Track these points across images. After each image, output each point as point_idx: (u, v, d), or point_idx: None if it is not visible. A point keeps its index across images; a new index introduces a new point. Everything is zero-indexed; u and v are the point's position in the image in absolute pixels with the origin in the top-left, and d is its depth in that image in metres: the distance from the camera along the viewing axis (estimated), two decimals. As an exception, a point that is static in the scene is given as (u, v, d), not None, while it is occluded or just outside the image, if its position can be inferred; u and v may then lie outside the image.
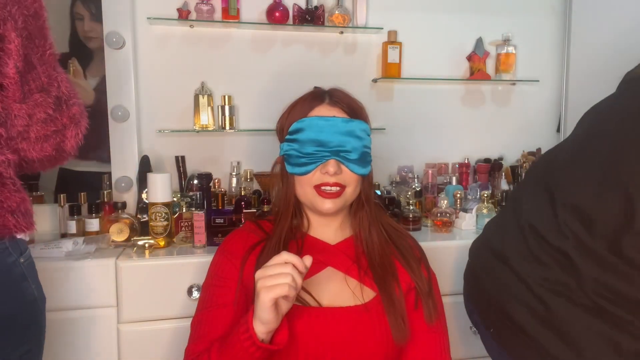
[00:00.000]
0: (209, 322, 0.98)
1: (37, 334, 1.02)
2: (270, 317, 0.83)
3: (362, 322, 0.97)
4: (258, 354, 0.85)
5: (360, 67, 2.02)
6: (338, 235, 1.08)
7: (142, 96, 1.84)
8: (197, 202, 1.60)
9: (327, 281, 1.01)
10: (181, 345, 1.01)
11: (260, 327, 0.84)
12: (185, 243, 1.55)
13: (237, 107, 1.92)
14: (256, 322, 0.84)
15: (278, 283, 0.81)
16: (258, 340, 0.84)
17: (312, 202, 1.03)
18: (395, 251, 1.07)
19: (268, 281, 0.82)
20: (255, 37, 1.93)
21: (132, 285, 1.38)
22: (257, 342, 0.84)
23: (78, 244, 1.42)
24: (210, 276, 1.05)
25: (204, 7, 1.81)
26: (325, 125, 1.00)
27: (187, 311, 1.39)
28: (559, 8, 2.17)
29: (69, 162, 1.05)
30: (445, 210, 1.70)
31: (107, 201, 1.69)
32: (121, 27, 1.73)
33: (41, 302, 1.02)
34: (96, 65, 1.82)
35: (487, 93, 2.16)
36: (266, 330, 0.85)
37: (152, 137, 1.86)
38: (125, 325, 1.39)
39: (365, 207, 1.07)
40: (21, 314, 0.96)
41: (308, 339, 0.95)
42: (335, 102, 1.03)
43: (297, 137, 1.02)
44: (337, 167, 1.00)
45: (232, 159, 1.92)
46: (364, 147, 1.03)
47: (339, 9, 1.90)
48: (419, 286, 1.03)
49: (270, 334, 0.87)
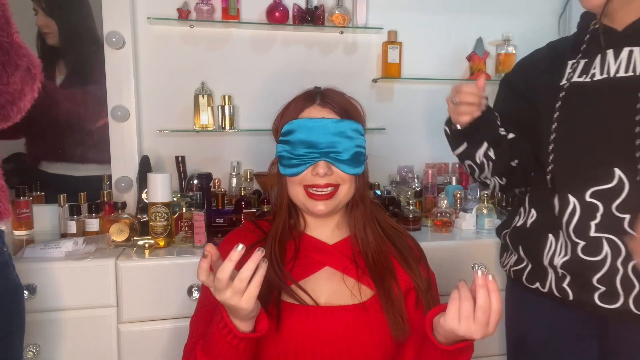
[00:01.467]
0: (206, 321, 0.98)
1: (20, 318, 1.08)
2: (244, 314, 0.83)
3: (360, 321, 0.97)
4: (242, 344, 0.86)
5: (360, 67, 2.02)
6: (335, 234, 1.08)
7: (142, 96, 1.84)
8: (197, 202, 1.60)
9: (324, 281, 1.02)
10: (181, 345, 1.01)
11: (238, 323, 0.85)
12: (185, 243, 1.55)
13: (237, 107, 1.92)
14: (235, 320, 0.85)
15: (224, 299, 0.81)
16: (239, 332, 0.85)
17: (303, 203, 1.04)
18: (394, 250, 1.07)
19: (219, 296, 0.82)
20: (255, 37, 1.93)
21: (132, 285, 1.38)
22: (238, 333, 0.85)
23: (78, 244, 1.42)
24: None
25: (204, 7, 1.81)
26: (315, 126, 1.00)
27: (187, 311, 1.39)
28: (559, 8, 2.17)
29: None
30: (445, 210, 1.70)
31: (107, 201, 1.69)
32: (121, 27, 1.73)
33: (21, 289, 1.09)
34: (63, 64, 1.82)
35: (487, 93, 2.15)
36: (246, 322, 0.85)
37: (152, 137, 1.86)
38: (125, 325, 1.39)
39: (360, 207, 1.07)
40: (7, 299, 1.02)
41: (305, 338, 0.95)
42: (326, 103, 1.04)
43: (288, 138, 1.02)
44: (327, 168, 1.00)
45: (232, 159, 1.92)
46: (356, 147, 1.02)
47: (339, 9, 1.90)
48: (418, 285, 1.03)
49: (252, 323, 0.87)
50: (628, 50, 1.04)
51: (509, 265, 1.26)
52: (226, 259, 0.79)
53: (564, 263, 1.10)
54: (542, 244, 1.14)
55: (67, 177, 1.84)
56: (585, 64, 1.10)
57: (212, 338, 0.88)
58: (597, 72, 1.07)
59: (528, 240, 1.20)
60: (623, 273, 1.03)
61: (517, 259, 1.23)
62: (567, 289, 1.11)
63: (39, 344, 1.34)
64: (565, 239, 1.10)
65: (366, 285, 1.02)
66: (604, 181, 1.03)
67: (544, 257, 1.14)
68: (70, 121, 1.82)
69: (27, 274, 1.31)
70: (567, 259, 1.09)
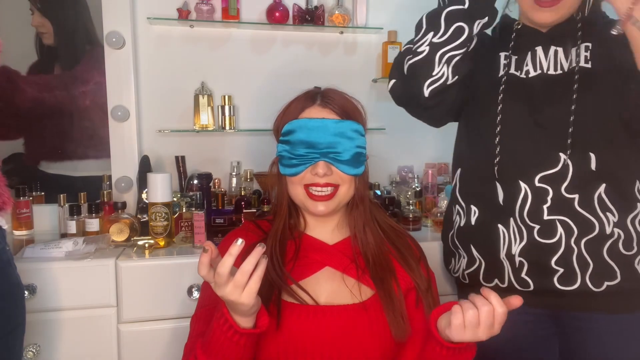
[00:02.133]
0: (206, 320, 0.98)
1: (21, 317, 1.09)
2: (245, 309, 0.83)
3: (360, 320, 0.98)
4: (243, 340, 0.86)
5: (360, 67, 2.02)
6: (335, 235, 1.09)
7: (142, 96, 1.84)
8: (197, 202, 1.60)
9: (324, 280, 1.02)
10: (181, 345, 1.02)
11: (239, 319, 0.85)
12: (185, 243, 1.55)
13: (237, 107, 1.92)
14: (235, 316, 0.85)
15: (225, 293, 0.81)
16: (240, 328, 0.85)
17: (304, 203, 1.04)
18: (393, 251, 1.07)
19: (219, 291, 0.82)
20: (255, 37, 1.93)
21: (132, 285, 1.38)
22: (239, 329, 0.85)
23: (78, 244, 1.42)
24: (210, 275, 1.05)
25: (204, 7, 1.81)
26: (315, 127, 1.01)
27: (186, 311, 1.38)
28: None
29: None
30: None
31: (107, 201, 1.69)
32: (121, 27, 1.73)
33: (22, 288, 1.11)
34: (60, 64, 1.82)
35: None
36: (247, 318, 0.86)
37: (152, 137, 1.86)
38: (125, 325, 1.39)
39: (360, 207, 1.07)
40: (9, 298, 1.04)
41: (305, 337, 0.95)
42: (326, 103, 1.04)
43: (289, 138, 1.03)
44: (326, 169, 1.00)
45: (232, 159, 1.92)
46: (356, 147, 1.03)
47: (339, 9, 1.90)
48: (419, 285, 1.03)
49: (252, 319, 0.87)
50: (554, 50, 1.13)
51: (461, 269, 1.24)
52: (226, 254, 0.80)
53: (522, 249, 1.11)
54: (495, 237, 1.14)
55: (66, 177, 1.84)
56: (517, 60, 1.16)
57: (213, 335, 0.88)
58: (530, 69, 1.14)
59: (478, 237, 1.19)
60: (577, 252, 1.08)
61: (468, 261, 1.21)
62: (527, 278, 1.12)
63: (39, 344, 1.34)
64: (520, 225, 1.11)
65: (366, 285, 1.02)
66: (550, 166, 1.08)
67: (500, 249, 1.14)
68: (69, 121, 1.82)
69: (27, 274, 1.31)
70: (524, 244, 1.11)
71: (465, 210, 1.21)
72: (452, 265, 1.30)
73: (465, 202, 1.22)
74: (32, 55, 1.78)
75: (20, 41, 0.98)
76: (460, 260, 1.25)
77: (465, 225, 1.21)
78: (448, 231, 1.30)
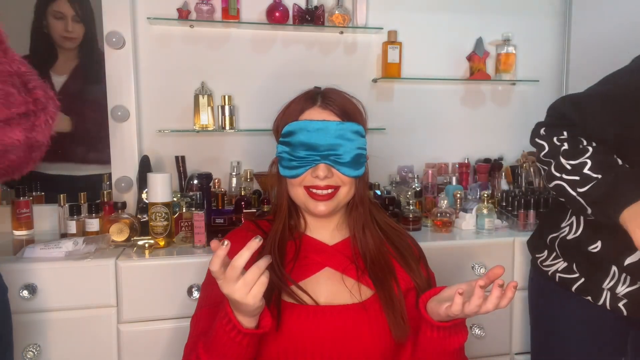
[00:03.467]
0: (206, 320, 0.98)
1: (7, 318, 1.07)
2: (249, 310, 0.83)
3: (359, 320, 0.97)
4: (246, 340, 0.86)
5: (360, 67, 2.02)
6: (335, 235, 1.09)
7: (142, 96, 1.84)
8: (197, 202, 1.60)
9: (324, 281, 1.02)
10: (181, 345, 1.02)
11: (242, 319, 0.85)
12: (185, 243, 1.55)
13: (237, 107, 1.92)
14: (239, 316, 0.85)
15: (231, 292, 0.80)
16: (243, 328, 0.85)
17: (304, 204, 1.04)
18: (393, 251, 1.07)
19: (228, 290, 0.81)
20: (255, 37, 1.93)
21: (132, 285, 1.38)
22: (242, 329, 0.85)
23: (78, 244, 1.42)
24: (209, 275, 1.05)
25: (204, 7, 1.81)
26: (315, 129, 1.00)
27: (187, 311, 1.39)
28: (559, 8, 2.17)
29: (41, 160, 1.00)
30: (445, 210, 1.70)
31: (107, 201, 1.69)
32: (121, 27, 1.73)
33: (6, 290, 1.07)
34: (63, 63, 1.81)
35: (487, 93, 2.16)
36: (250, 318, 0.86)
37: (152, 137, 1.86)
38: (125, 325, 1.39)
39: (360, 208, 1.07)
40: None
41: (305, 337, 0.95)
42: (327, 105, 1.03)
43: (289, 140, 1.02)
44: (327, 171, 1.00)
45: (232, 159, 1.92)
46: (356, 148, 1.02)
47: (339, 9, 1.90)
48: (418, 285, 1.03)
49: (255, 320, 0.87)
50: None
51: (553, 269, 1.21)
52: (244, 248, 0.78)
53: (627, 293, 1.10)
54: (604, 273, 1.12)
55: (66, 177, 1.84)
56: None
57: (216, 335, 0.88)
58: None
59: (585, 262, 1.15)
60: None
61: (566, 268, 1.18)
62: (622, 308, 1.11)
63: (39, 344, 1.34)
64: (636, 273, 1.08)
65: (366, 285, 1.02)
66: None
67: (604, 283, 1.12)
68: (68, 121, 1.82)
69: (27, 274, 1.32)
70: (634, 289, 1.09)
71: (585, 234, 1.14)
72: (543, 258, 1.25)
73: (592, 231, 1.13)
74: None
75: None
76: (557, 261, 1.21)
77: (576, 244, 1.16)
78: (550, 232, 1.23)
